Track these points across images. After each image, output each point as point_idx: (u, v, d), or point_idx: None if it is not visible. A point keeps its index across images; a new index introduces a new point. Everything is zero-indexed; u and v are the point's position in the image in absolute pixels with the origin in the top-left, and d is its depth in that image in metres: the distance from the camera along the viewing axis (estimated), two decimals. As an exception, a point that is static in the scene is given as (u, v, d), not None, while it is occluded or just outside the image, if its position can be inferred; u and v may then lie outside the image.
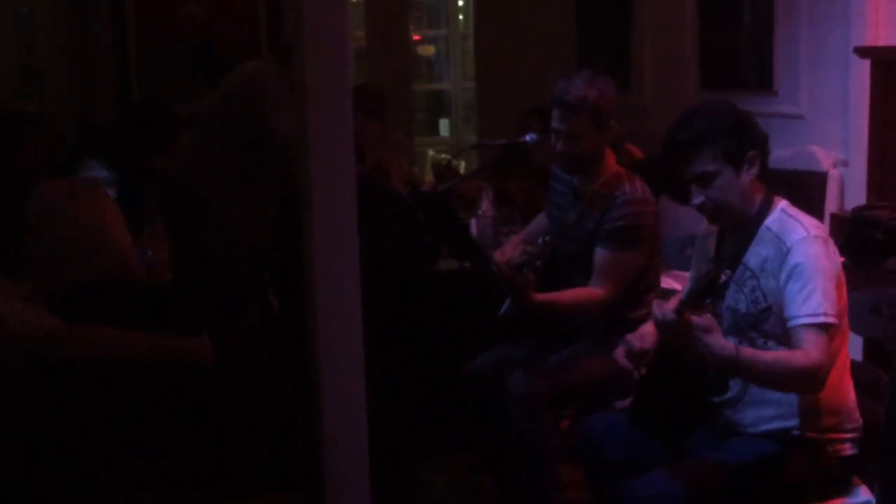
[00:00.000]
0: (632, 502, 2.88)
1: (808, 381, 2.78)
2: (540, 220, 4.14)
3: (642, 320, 3.42)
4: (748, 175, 2.93)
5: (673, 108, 5.88)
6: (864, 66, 4.44)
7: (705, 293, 2.62)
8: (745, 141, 2.92)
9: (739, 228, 3.00)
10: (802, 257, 2.82)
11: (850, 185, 4.88)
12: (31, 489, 2.84)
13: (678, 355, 2.77)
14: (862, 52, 4.41)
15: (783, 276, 2.84)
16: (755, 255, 2.94)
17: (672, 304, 2.67)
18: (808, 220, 2.93)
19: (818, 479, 2.96)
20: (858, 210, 4.17)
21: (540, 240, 3.61)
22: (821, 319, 2.76)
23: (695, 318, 2.63)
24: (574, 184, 3.84)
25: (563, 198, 3.90)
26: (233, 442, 3.10)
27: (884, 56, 4.33)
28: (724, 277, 2.92)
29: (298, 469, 3.21)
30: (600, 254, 3.70)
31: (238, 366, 3.72)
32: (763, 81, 5.54)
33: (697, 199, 2.95)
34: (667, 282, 4.18)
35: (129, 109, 6.10)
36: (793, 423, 2.94)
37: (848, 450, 2.98)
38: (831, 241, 2.92)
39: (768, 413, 2.95)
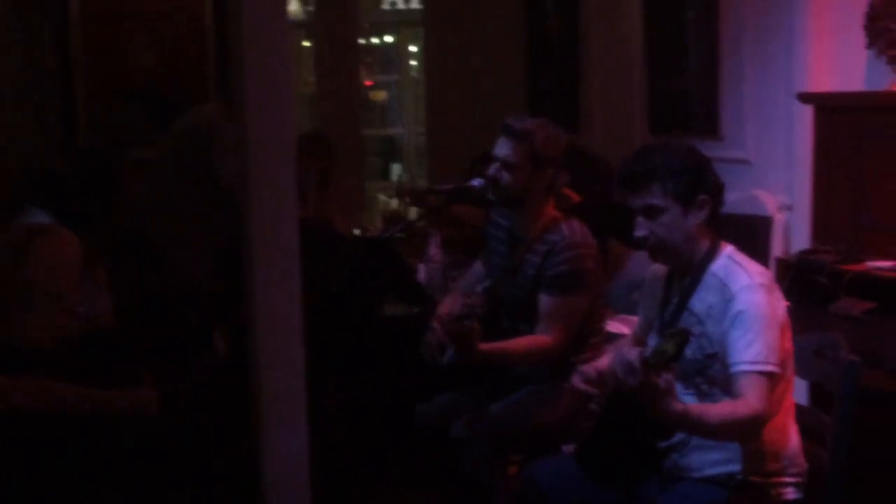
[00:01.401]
0: None
1: (749, 430, 2.81)
2: (478, 267, 4.13)
3: (586, 364, 3.41)
4: (696, 218, 2.95)
5: (622, 152, 5.92)
6: (808, 111, 4.49)
7: (675, 355, 2.60)
8: (698, 184, 2.94)
9: (686, 273, 3.02)
10: (745, 304, 2.84)
11: (794, 230, 4.92)
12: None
13: (630, 402, 2.76)
14: (805, 97, 4.46)
15: (726, 323, 2.85)
16: (700, 300, 2.95)
17: (633, 353, 2.65)
18: (754, 267, 2.95)
19: (763, 524, 2.96)
20: (803, 254, 4.20)
21: (479, 287, 3.62)
22: (760, 367, 2.78)
23: (658, 380, 2.62)
24: (511, 229, 3.84)
25: (501, 244, 3.90)
26: (179, 494, 3.06)
27: (826, 102, 4.38)
28: (689, 353, 2.88)
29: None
30: (545, 301, 3.69)
31: (186, 415, 3.68)
32: (709, 126, 5.58)
33: (641, 232, 2.97)
34: (614, 326, 4.17)
35: (79, 156, 6.03)
36: (737, 467, 2.95)
37: (791, 494, 2.99)
38: (776, 288, 2.94)
39: (713, 458, 2.96)
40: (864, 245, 4.10)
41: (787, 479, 2.98)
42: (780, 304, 2.91)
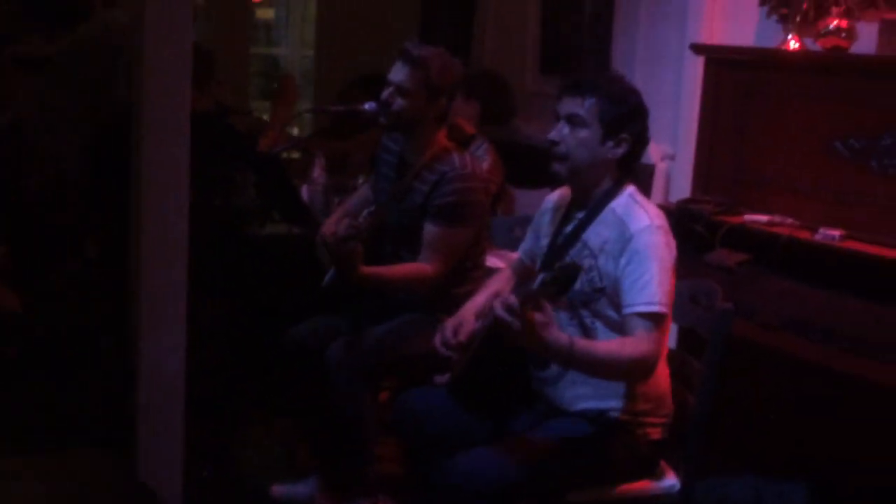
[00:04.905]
0: (452, 477, 2.87)
1: (637, 371, 2.87)
2: (364, 191, 4.11)
3: (466, 296, 3.45)
4: (610, 151, 2.99)
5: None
6: (698, 63, 4.53)
7: (564, 287, 2.62)
8: (627, 122, 2.99)
9: (585, 206, 3.05)
10: (644, 245, 2.88)
11: (675, 179, 5.00)
12: None
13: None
14: (697, 49, 4.50)
15: (623, 261, 2.89)
16: (596, 234, 2.99)
17: (513, 298, 2.66)
18: (653, 210, 3.00)
19: (628, 461, 3.03)
20: (683, 203, 4.25)
21: (365, 211, 3.60)
22: (655, 308, 2.82)
23: (535, 315, 2.64)
24: (402, 154, 3.83)
25: (390, 168, 3.89)
26: (39, 393, 2.99)
27: (717, 55, 4.41)
28: (578, 285, 2.89)
29: (109, 423, 3.12)
30: (430, 229, 3.69)
31: (54, 314, 3.60)
32: (599, 70, 5.60)
33: (555, 135, 3.00)
34: (492, 261, 4.20)
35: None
36: (609, 404, 3.00)
37: (658, 434, 3.06)
38: (671, 233, 2.98)
39: (586, 392, 3.01)
40: (743, 198, 4.18)
41: (655, 420, 3.04)
42: (674, 249, 2.96)
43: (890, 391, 3.23)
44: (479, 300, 3.32)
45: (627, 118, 2.99)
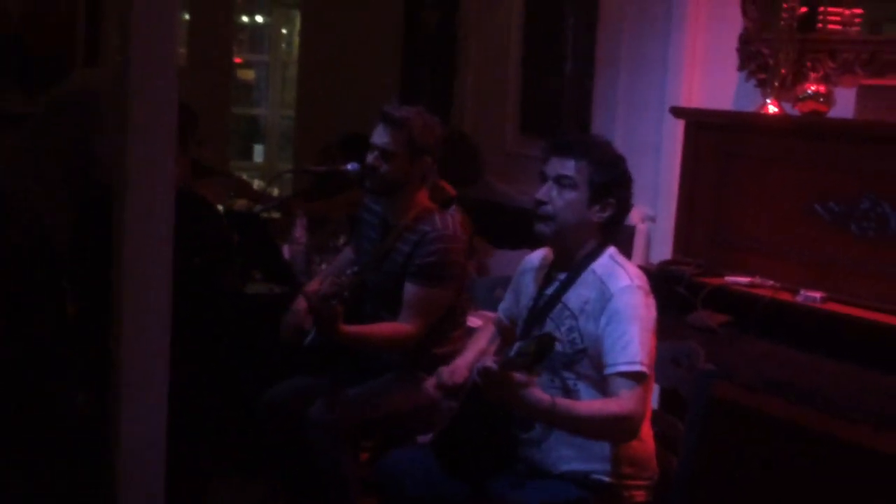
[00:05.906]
0: None
1: (622, 430, 2.86)
2: (349, 252, 4.12)
3: (447, 357, 3.45)
4: (595, 214, 3.01)
5: (491, 150, 5.98)
6: (678, 126, 4.56)
7: (537, 358, 2.62)
8: (614, 187, 3.02)
9: (566, 268, 3.06)
10: (624, 305, 2.89)
11: (655, 241, 5.01)
12: None
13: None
14: (677, 112, 4.53)
15: (603, 321, 2.89)
16: (577, 295, 3.00)
17: (489, 361, 2.68)
18: (633, 270, 3.01)
19: (612, 524, 3.00)
20: (664, 264, 4.26)
21: (348, 271, 3.60)
22: (637, 368, 2.82)
23: (516, 375, 2.65)
24: (384, 216, 3.83)
25: (372, 229, 3.89)
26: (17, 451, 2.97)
27: (697, 118, 4.45)
28: (559, 347, 2.92)
29: (85, 486, 3.08)
30: (410, 289, 3.69)
31: (26, 373, 3.57)
32: (583, 133, 5.63)
33: (543, 195, 3.01)
34: (473, 321, 4.19)
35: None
36: (593, 466, 2.99)
37: (641, 497, 3.04)
38: (651, 294, 2.99)
39: (569, 454, 2.99)
40: (723, 259, 4.19)
41: (639, 483, 3.03)
42: (654, 310, 2.97)
43: (871, 453, 3.22)
44: (469, 356, 3.34)
45: (615, 184, 3.02)
